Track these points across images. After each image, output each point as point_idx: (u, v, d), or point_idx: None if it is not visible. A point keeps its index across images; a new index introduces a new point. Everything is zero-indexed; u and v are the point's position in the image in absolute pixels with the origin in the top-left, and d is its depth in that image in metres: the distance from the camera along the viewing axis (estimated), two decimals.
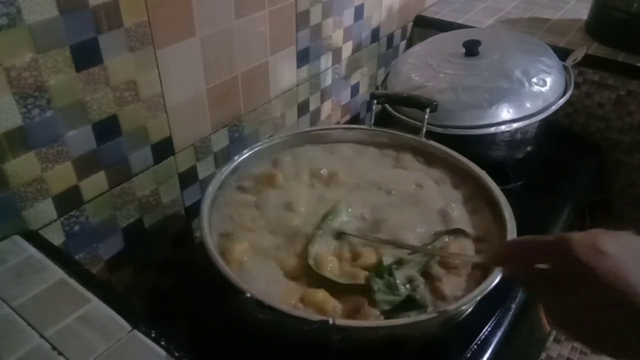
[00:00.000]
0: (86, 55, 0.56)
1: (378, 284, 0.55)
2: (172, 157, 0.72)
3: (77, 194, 0.62)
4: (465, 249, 0.61)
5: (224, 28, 0.72)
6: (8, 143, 0.53)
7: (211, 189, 0.65)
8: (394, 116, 0.87)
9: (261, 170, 0.73)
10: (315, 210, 0.65)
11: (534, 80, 0.86)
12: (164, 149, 0.71)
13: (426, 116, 0.75)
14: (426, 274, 0.58)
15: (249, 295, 0.50)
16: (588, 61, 1.01)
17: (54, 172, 0.58)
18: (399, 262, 0.58)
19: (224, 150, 0.81)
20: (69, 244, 0.63)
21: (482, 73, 0.88)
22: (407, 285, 0.56)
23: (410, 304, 0.54)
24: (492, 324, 0.66)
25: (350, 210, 0.66)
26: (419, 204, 0.67)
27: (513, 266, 0.46)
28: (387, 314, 0.53)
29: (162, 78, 0.66)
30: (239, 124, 0.82)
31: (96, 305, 0.48)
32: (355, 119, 1.15)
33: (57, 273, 0.51)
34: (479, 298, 0.53)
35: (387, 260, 0.58)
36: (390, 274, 0.56)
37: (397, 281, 0.55)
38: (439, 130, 0.82)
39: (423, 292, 0.56)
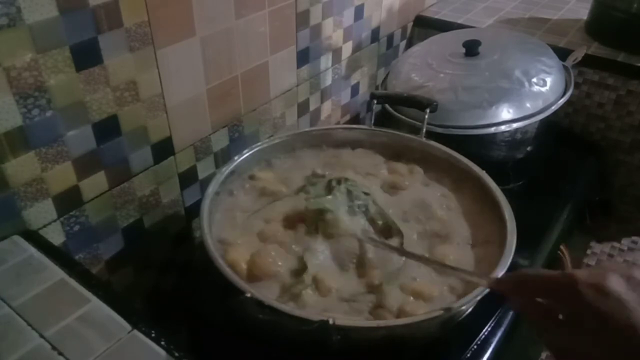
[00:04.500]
0: (86, 55, 0.56)
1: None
2: (172, 157, 0.72)
3: (77, 194, 0.62)
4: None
5: (224, 28, 0.72)
6: (8, 143, 0.53)
7: (211, 189, 0.65)
8: (394, 116, 0.87)
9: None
10: None
11: (534, 80, 0.86)
12: (164, 149, 0.71)
13: (426, 116, 0.75)
14: None
15: (249, 295, 0.50)
16: (588, 61, 1.01)
17: (54, 172, 0.58)
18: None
19: (224, 150, 0.81)
20: (69, 244, 0.63)
21: (482, 73, 0.88)
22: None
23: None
24: (492, 324, 0.66)
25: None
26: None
27: (515, 298, 0.46)
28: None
29: (162, 78, 0.66)
30: (239, 124, 0.82)
31: (96, 305, 0.48)
32: (355, 119, 1.15)
33: (57, 273, 0.51)
34: (479, 298, 0.53)
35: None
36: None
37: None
38: (439, 130, 0.82)
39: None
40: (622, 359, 0.37)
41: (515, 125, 0.83)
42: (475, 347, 0.64)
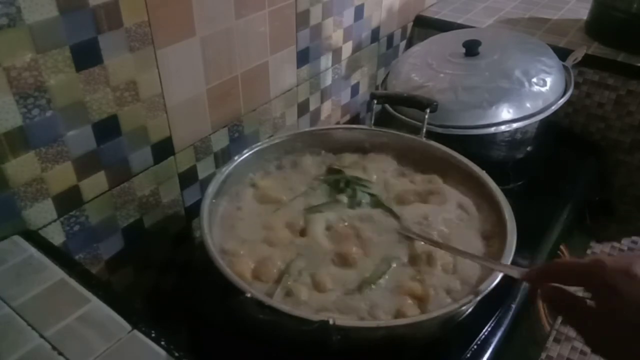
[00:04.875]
0: (86, 55, 0.56)
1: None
2: (172, 157, 0.72)
3: (77, 194, 0.62)
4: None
5: (224, 28, 0.72)
6: (8, 143, 0.53)
7: (211, 189, 0.65)
8: (394, 116, 0.87)
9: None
10: None
11: (534, 80, 0.86)
12: (164, 149, 0.71)
13: (426, 116, 0.75)
14: None
15: (249, 295, 0.50)
16: (588, 61, 1.01)
17: (54, 172, 0.58)
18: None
19: (224, 150, 0.81)
20: (69, 244, 0.63)
21: (482, 73, 0.88)
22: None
23: None
24: (492, 324, 0.66)
25: None
26: None
27: (546, 288, 0.45)
28: None
29: (162, 78, 0.66)
30: (239, 124, 0.82)
31: (96, 305, 0.48)
32: (355, 119, 1.15)
33: (57, 273, 0.51)
34: (479, 298, 0.53)
35: None
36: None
37: None
38: (439, 130, 0.82)
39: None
40: None
41: (515, 125, 0.83)
42: (475, 347, 0.64)
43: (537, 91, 0.85)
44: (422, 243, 0.61)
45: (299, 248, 0.62)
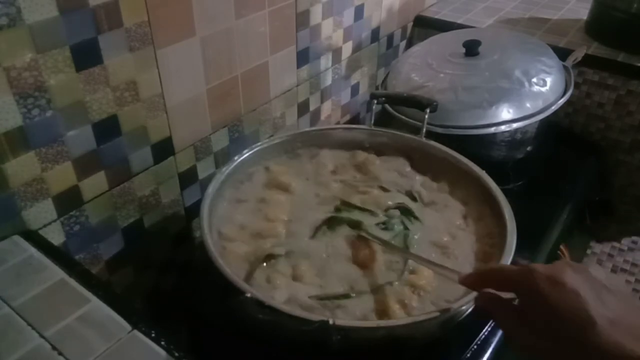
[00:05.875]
0: (86, 55, 0.56)
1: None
2: (172, 157, 0.72)
3: (77, 194, 0.62)
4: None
5: (224, 28, 0.72)
6: (8, 143, 0.53)
7: (211, 189, 0.65)
8: (394, 116, 0.87)
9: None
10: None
11: (534, 80, 0.86)
12: (164, 149, 0.71)
13: (426, 116, 0.75)
14: None
15: (249, 295, 0.50)
16: (588, 61, 1.01)
17: (54, 172, 0.58)
18: None
19: (224, 150, 0.81)
20: (69, 244, 0.63)
21: (482, 73, 0.88)
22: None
23: None
24: (492, 324, 0.66)
25: None
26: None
27: (480, 293, 0.47)
28: None
29: (162, 78, 0.66)
30: (239, 124, 0.82)
31: (96, 305, 0.48)
32: (355, 119, 1.15)
33: (57, 273, 0.51)
34: None
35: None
36: None
37: None
38: (439, 130, 0.82)
39: None
40: (574, 351, 0.38)
41: (515, 125, 0.83)
42: (475, 347, 0.64)
43: (537, 91, 0.85)
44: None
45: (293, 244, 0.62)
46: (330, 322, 0.48)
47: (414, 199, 0.70)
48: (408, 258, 0.60)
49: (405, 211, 0.67)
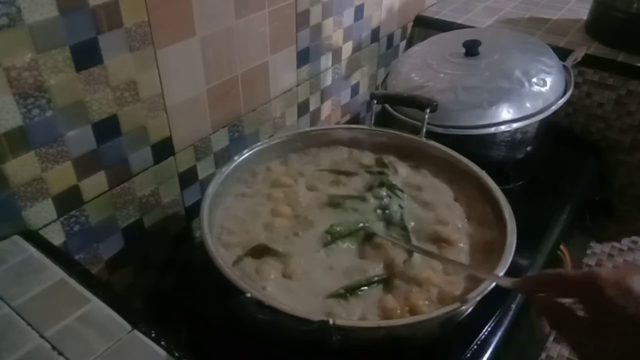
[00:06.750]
0: (86, 55, 0.56)
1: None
2: (172, 157, 0.72)
3: (77, 194, 0.62)
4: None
5: (224, 28, 0.72)
6: (8, 143, 0.53)
7: (211, 189, 0.65)
8: (394, 116, 0.87)
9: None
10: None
11: (534, 80, 0.86)
12: (164, 149, 0.71)
13: (426, 116, 0.75)
14: None
15: (249, 295, 0.50)
16: (588, 61, 1.01)
17: (54, 172, 0.58)
18: None
19: (224, 150, 0.81)
20: (69, 244, 0.63)
21: (482, 73, 0.88)
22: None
23: None
24: (492, 324, 0.66)
25: None
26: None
27: (537, 299, 0.45)
28: None
29: (162, 78, 0.66)
30: (239, 124, 0.82)
31: (96, 305, 0.48)
32: (355, 119, 1.15)
33: (57, 273, 0.51)
34: (479, 298, 0.53)
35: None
36: None
37: None
38: (439, 130, 0.82)
39: None
40: None
41: (515, 125, 0.83)
42: (475, 347, 0.64)
43: (537, 91, 0.85)
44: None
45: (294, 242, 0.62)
46: (330, 322, 0.48)
47: (384, 165, 0.74)
48: (423, 254, 0.59)
49: (390, 186, 0.70)
